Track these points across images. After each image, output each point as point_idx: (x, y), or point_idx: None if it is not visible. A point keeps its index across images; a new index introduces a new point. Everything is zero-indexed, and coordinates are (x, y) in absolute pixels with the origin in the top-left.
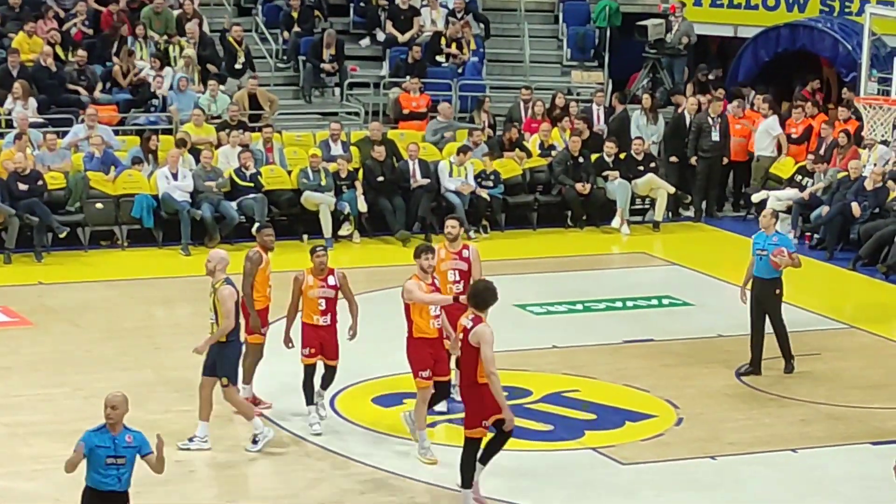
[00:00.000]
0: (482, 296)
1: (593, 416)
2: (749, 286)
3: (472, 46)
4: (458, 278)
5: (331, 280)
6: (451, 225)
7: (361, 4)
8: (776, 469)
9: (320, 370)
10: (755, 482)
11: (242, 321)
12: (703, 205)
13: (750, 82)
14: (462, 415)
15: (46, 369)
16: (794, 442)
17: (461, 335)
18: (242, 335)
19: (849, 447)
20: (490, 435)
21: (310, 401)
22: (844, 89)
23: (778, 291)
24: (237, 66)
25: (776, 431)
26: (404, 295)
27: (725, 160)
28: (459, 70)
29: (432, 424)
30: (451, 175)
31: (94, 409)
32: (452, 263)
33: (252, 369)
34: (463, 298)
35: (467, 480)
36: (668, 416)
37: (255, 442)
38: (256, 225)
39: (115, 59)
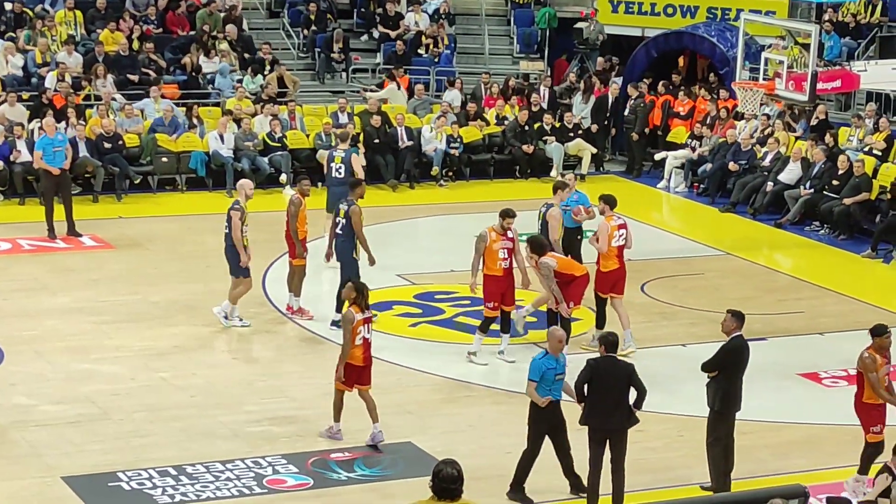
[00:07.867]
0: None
1: (534, 320)
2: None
3: (446, 42)
4: (506, 255)
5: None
6: (511, 223)
7: (362, 10)
8: (671, 359)
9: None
10: (654, 368)
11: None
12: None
13: (641, 71)
14: None
15: (124, 281)
16: (684, 339)
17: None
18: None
19: None
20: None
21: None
22: (711, 75)
23: (579, 237)
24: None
25: (670, 331)
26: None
27: (635, 136)
28: (436, 60)
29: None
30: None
31: (159, 310)
32: (502, 243)
33: (299, 285)
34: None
35: None
36: (591, 321)
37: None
38: (296, 176)
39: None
